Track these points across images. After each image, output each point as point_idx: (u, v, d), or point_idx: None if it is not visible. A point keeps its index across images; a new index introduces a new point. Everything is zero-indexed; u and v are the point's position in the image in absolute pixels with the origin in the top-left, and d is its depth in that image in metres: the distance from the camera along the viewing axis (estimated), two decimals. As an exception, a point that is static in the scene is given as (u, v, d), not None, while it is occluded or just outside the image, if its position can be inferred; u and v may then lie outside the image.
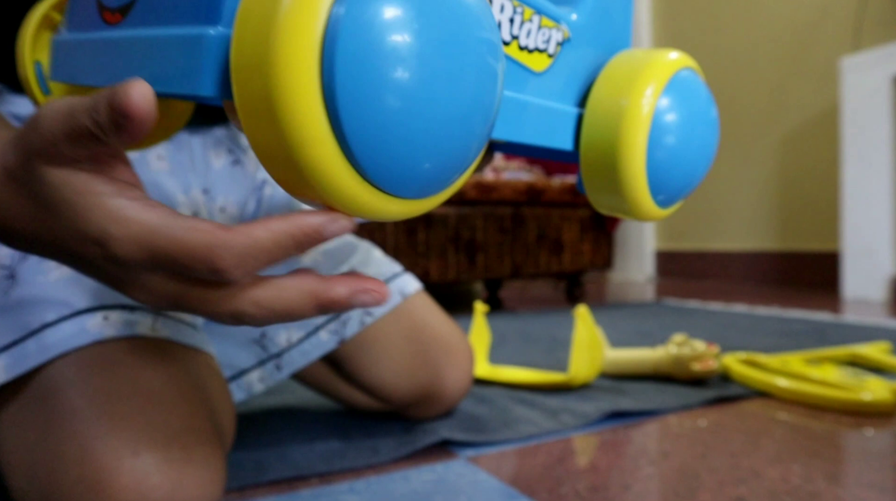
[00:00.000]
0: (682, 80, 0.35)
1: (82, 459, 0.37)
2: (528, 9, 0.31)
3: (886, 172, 1.79)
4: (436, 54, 0.21)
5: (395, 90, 0.20)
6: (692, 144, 0.35)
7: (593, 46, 0.36)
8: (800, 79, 2.27)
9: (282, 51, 0.20)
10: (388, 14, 0.20)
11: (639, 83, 0.33)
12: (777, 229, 2.37)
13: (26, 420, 0.39)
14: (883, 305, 1.70)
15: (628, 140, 0.33)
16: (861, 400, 0.70)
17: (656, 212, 0.36)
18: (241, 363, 0.59)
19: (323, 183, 0.21)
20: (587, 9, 0.35)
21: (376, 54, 0.20)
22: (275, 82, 0.20)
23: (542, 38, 0.32)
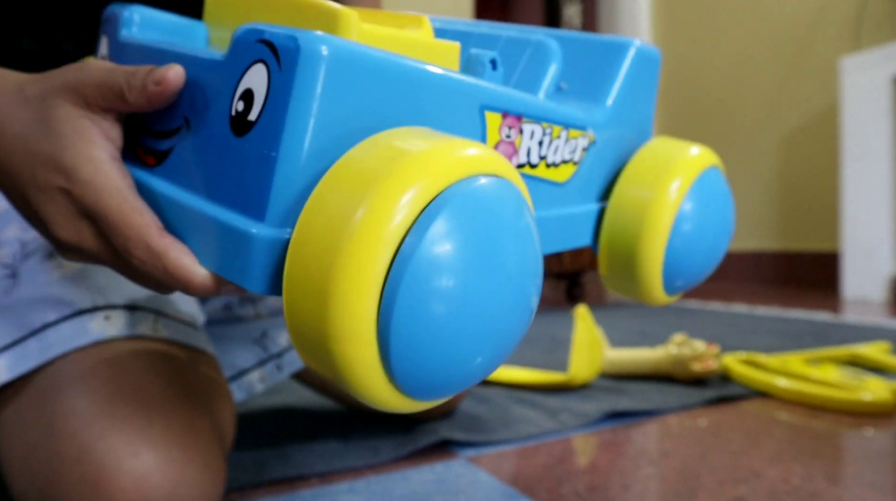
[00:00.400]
0: (706, 180, 0.35)
1: (82, 459, 0.37)
2: (557, 127, 0.31)
3: (886, 172, 1.79)
4: (492, 290, 0.21)
5: (451, 330, 0.21)
6: (706, 244, 0.36)
7: (618, 140, 0.36)
8: (800, 79, 2.27)
9: (344, 277, 0.19)
10: (459, 255, 0.20)
11: (663, 181, 0.34)
12: (777, 229, 2.37)
13: (27, 420, 0.39)
14: (883, 305, 1.70)
15: (651, 240, 0.34)
16: (861, 400, 0.70)
17: (663, 300, 0.37)
18: (242, 363, 0.60)
19: (361, 393, 0.22)
20: (612, 103, 0.35)
21: (440, 296, 0.20)
22: (331, 310, 0.20)
23: (568, 149, 0.33)
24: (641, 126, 0.38)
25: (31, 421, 0.39)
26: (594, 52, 0.36)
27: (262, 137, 0.22)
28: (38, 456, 0.38)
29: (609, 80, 0.35)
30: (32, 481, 0.38)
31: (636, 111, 0.37)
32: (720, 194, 0.36)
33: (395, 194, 0.20)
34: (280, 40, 0.22)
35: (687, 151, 0.35)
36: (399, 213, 0.20)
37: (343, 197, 0.20)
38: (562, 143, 0.32)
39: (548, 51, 0.35)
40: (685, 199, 0.34)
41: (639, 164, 0.35)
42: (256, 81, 0.23)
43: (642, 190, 0.34)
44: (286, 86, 0.22)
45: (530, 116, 0.30)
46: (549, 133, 0.31)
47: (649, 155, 0.36)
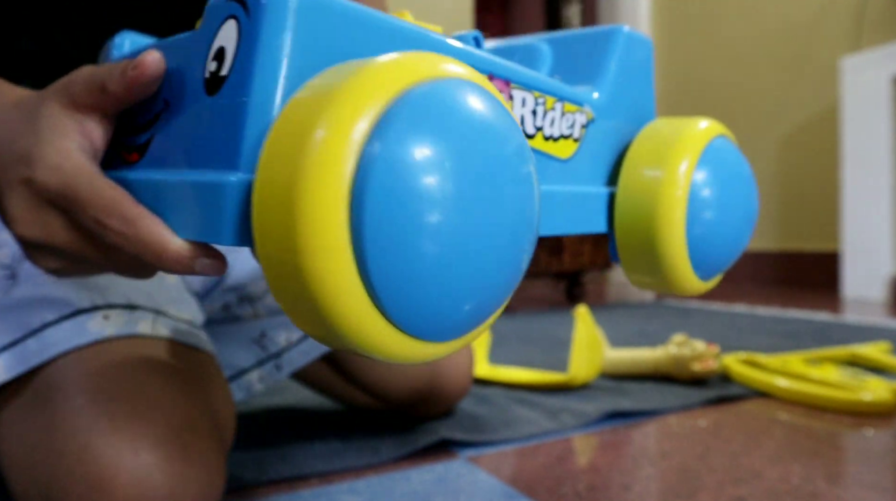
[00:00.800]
0: (716, 150, 0.34)
1: (83, 458, 0.37)
2: (550, 97, 0.30)
3: (886, 172, 1.79)
4: (473, 196, 0.20)
5: (430, 237, 0.19)
6: (732, 214, 0.34)
7: (618, 122, 0.35)
8: (800, 79, 2.27)
9: (307, 197, 0.18)
10: (425, 153, 0.19)
11: (672, 156, 0.32)
12: (777, 229, 2.37)
13: (27, 420, 0.39)
14: (883, 305, 1.70)
15: (666, 216, 0.32)
16: (861, 400, 0.70)
17: (699, 287, 0.35)
18: (241, 362, 0.59)
19: (353, 336, 0.20)
20: (608, 85, 0.34)
21: (411, 199, 0.19)
22: (298, 230, 0.18)
23: (566, 124, 0.32)
24: (642, 110, 0.37)
25: (32, 421, 0.39)
26: (584, 44, 0.36)
27: (233, 88, 0.22)
28: (38, 456, 0.38)
29: (600, 64, 0.35)
30: (33, 480, 0.38)
31: (633, 95, 0.36)
32: (733, 161, 0.35)
33: (351, 104, 0.19)
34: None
35: (690, 124, 0.34)
36: (356, 121, 0.19)
37: (300, 119, 0.19)
38: (558, 116, 0.31)
39: (537, 52, 0.35)
40: (697, 171, 0.32)
41: (643, 143, 0.34)
42: (227, 37, 0.22)
43: (650, 169, 0.32)
44: (254, 33, 0.21)
45: (519, 83, 0.29)
46: (543, 103, 0.30)
47: (652, 133, 0.34)
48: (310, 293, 0.19)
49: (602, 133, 0.34)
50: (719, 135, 0.35)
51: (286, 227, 0.19)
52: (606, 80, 0.34)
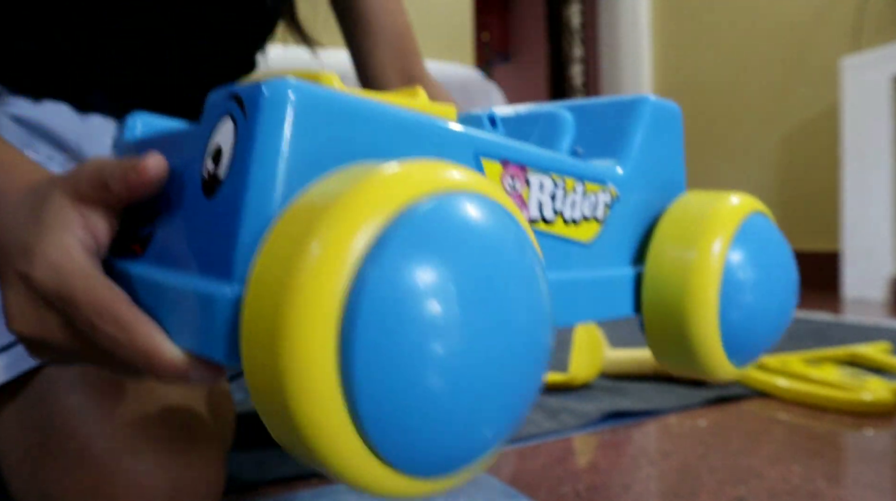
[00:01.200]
0: (752, 227, 0.32)
1: (82, 458, 0.37)
2: (570, 179, 0.29)
3: (886, 172, 1.79)
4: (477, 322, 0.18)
5: (427, 370, 0.18)
6: (770, 297, 0.32)
7: (645, 197, 0.33)
8: (800, 79, 2.27)
9: (294, 320, 0.17)
10: (424, 279, 0.18)
11: (704, 235, 0.30)
12: (777, 229, 2.37)
13: (26, 420, 0.39)
14: (883, 305, 1.70)
15: (697, 300, 0.30)
16: (861, 400, 0.70)
17: (733, 373, 0.33)
18: (242, 363, 0.60)
19: (339, 471, 0.19)
20: (633, 159, 0.32)
21: (407, 328, 0.17)
22: (282, 354, 0.17)
23: (588, 205, 0.30)
24: (670, 183, 0.35)
25: (31, 421, 0.39)
26: (608, 114, 0.34)
27: (229, 193, 0.21)
28: (37, 456, 0.38)
29: (625, 135, 0.33)
30: (32, 480, 0.38)
31: (661, 167, 0.34)
32: (770, 240, 0.33)
33: (347, 220, 0.17)
34: (245, 90, 0.21)
35: (723, 199, 0.32)
36: (352, 239, 0.17)
37: (292, 233, 0.18)
38: (579, 198, 0.29)
39: (560, 121, 0.34)
40: (731, 251, 0.30)
41: (672, 220, 0.32)
42: (224, 137, 0.21)
43: (680, 248, 0.31)
44: (251, 135, 0.20)
45: (536, 166, 0.27)
46: (562, 186, 0.28)
47: (682, 209, 0.32)
48: (294, 424, 0.18)
49: (627, 210, 0.32)
50: (755, 211, 0.33)
51: (270, 351, 0.17)
52: (631, 153, 0.32)
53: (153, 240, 0.25)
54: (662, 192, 0.34)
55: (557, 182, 0.28)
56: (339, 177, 0.19)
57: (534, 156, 0.27)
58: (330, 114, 0.21)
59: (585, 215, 0.30)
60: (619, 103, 0.34)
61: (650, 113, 0.33)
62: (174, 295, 0.22)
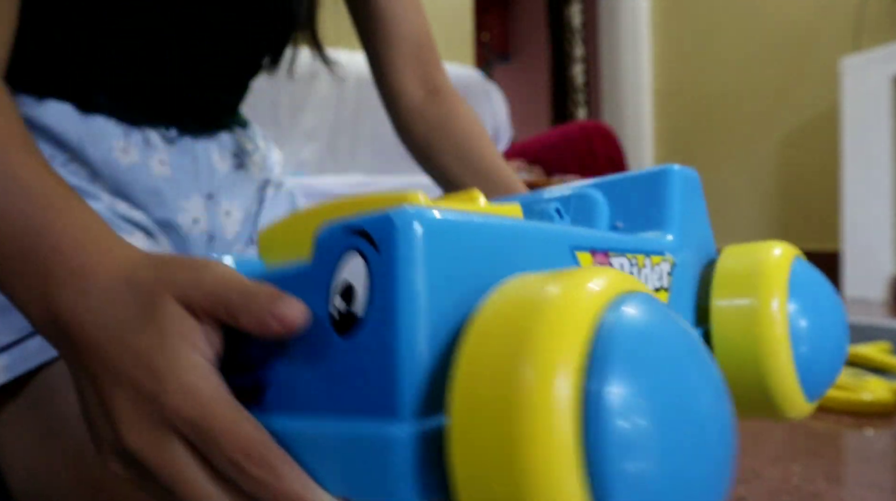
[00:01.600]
0: (799, 272, 0.34)
1: (82, 459, 0.37)
2: (640, 256, 0.30)
3: (886, 172, 1.79)
4: (682, 430, 0.19)
5: (674, 483, 0.18)
6: (829, 328, 0.34)
7: (691, 260, 0.35)
8: (800, 79, 2.27)
9: (533, 437, 0.17)
10: (644, 387, 0.18)
11: (765, 285, 0.32)
12: (777, 229, 2.37)
13: (26, 421, 0.39)
14: (883, 305, 1.70)
15: (772, 348, 0.32)
16: (861, 400, 0.70)
17: (809, 409, 0.35)
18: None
19: None
20: (676, 226, 0.34)
21: (650, 440, 0.18)
22: (526, 476, 0.17)
23: (657, 277, 0.31)
24: (706, 241, 0.37)
25: (31, 421, 0.39)
26: (637, 188, 0.36)
27: (374, 330, 0.21)
28: (37, 457, 0.38)
29: (663, 205, 0.35)
30: (33, 481, 0.38)
31: (697, 228, 0.36)
32: (815, 280, 0.35)
33: (553, 342, 0.18)
34: (371, 224, 0.21)
35: (770, 252, 0.34)
36: (565, 361, 0.18)
37: (496, 364, 0.18)
38: (649, 271, 0.31)
39: (592, 200, 0.35)
40: (790, 298, 0.33)
41: (728, 276, 0.34)
42: (355, 273, 0.21)
43: (744, 300, 0.32)
44: (390, 271, 0.20)
45: (615, 249, 0.29)
46: (636, 263, 0.30)
47: (734, 265, 0.34)
48: None
49: (683, 274, 0.34)
50: (797, 257, 0.35)
51: (508, 475, 0.17)
52: (674, 220, 0.34)
53: (268, 387, 0.24)
54: (702, 251, 0.36)
55: (632, 260, 0.30)
56: (516, 296, 0.20)
57: (613, 241, 0.29)
58: (453, 237, 0.22)
59: (657, 287, 0.31)
60: (645, 176, 0.36)
61: (679, 181, 0.35)
62: (315, 442, 0.22)
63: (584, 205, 0.35)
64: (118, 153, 0.50)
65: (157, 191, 0.51)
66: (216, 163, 0.55)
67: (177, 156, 0.53)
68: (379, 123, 1.59)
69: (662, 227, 0.34)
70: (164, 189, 0.52)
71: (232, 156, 0.57)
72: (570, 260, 0.26)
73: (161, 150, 0.52)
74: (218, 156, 0.56)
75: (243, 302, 0.23)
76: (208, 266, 0.25)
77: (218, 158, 0.55)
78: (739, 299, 0.33)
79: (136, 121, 0.50)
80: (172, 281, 0.24)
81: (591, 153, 1.90)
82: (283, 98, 1.67)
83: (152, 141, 0.51)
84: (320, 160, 1.68)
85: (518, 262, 0.24)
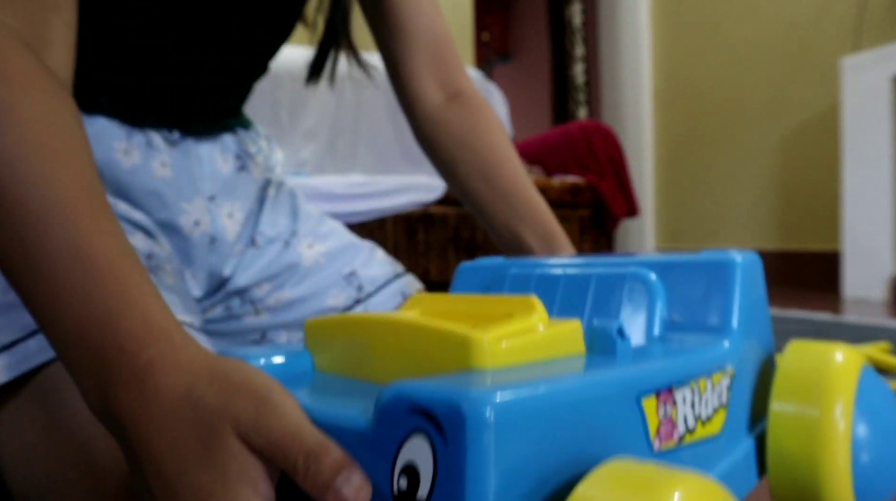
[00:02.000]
0: (866, 381, 0.33)
1: (82, 459, 0.37)
2: (702, 380, 0.29)
3: (886, 172, 1.79)
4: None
5: None
6: (891, 446, 0.33)
7: (750, 361, 0.34)
8: (800, 79, 2.27)
9: None
10: None
11: (829, 393, 0.31)
12: (777, 229, 2.37)
13: (26, 420, 0.39)
14: (883, 305, 1.70)
15: (832, 463, 0.30)
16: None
17: None
18: (242, 364, 0.59)
19: None
20: (735, 330, 0.33)
21: None
22: None
23: (716, 396, 0.30)
24: (765, 336, 0.36)
25: (31, 421, 0.39)
26: (697, 277, 0.34)
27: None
28: (37, 455, 0.38)
29: (725, 304, 0.33)
30: (32, 480, 0.38)
31: (756, 322, 0.35)
32: (881, 391, 0.34)
33: None
34: (438, 408, 0.20)
35: (833, 356, 0.33)
36: None
37: None
38: (709, 393, 0.30)
39: (647, 284, 0.34)
40: (855, 409, 0.31)
41: (787, 382, 0.33)
42: (419, 455, 0.21)
43: (804, 409, 0.31)
44: (456, 456, 0.20)
45: (678, 383, 0.28)
46: (697, 390, 0.29)
47: (795, 368, 0.33)
48: None
49: (741, 381, 0.33)
50: (865, 364, 0.34)
51: None
52: (733, 323, 0.33)
53: None
54: (760, 347, 0.35)
55: (694, 389, 0.29)
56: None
57: (677, 373, 0.28)
58: (524, 418, 0.21)
59: (715, 407, 0.30)
60: (706, 265, 0.34)
61: (742, 276, 0.34)
62: None
63: (638, 289, 0.34)
64: (119, 154, 0.50)
65: (158, 193, 0.51)
66: (219, 165, 0.55)
67: (179, 158, 0.53)
68: (379, 123, 1.60)
69: (722, 328, 0.33)
70: (165, 191, 0.52)
71: (234, 158, 0.57)
72: (635, 411, 0.25)
73: (163, 152, 0.52)
74: (220, 158, 0.56)
75: (306, 466, 0.22)
76: (270, 404, 0.24)
77: (220, 160, 0.55)
78: (801, 405, 0.31)
79: (139, 122, 0.51)
80: (235, 417, 0.24)
81: (591, 153, 1.90)
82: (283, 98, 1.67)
83: (154, 143, 0.51)
84: (320, 160, 1.68)
85: (585, 423, 0.23)
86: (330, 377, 0.30)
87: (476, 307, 0.28)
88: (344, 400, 0.26)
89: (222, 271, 0.56)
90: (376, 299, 0.60)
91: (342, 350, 0.30)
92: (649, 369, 0.27)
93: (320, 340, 0.31)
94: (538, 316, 0.27)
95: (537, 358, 0.25)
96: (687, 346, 0.31)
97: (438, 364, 0.25)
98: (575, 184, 1.85)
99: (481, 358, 0.24)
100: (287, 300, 0.58)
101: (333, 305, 0.59)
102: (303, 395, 0.27)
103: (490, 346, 0.24)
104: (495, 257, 0.41)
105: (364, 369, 0.28)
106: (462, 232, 1.67)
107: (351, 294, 0.59)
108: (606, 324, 0.28)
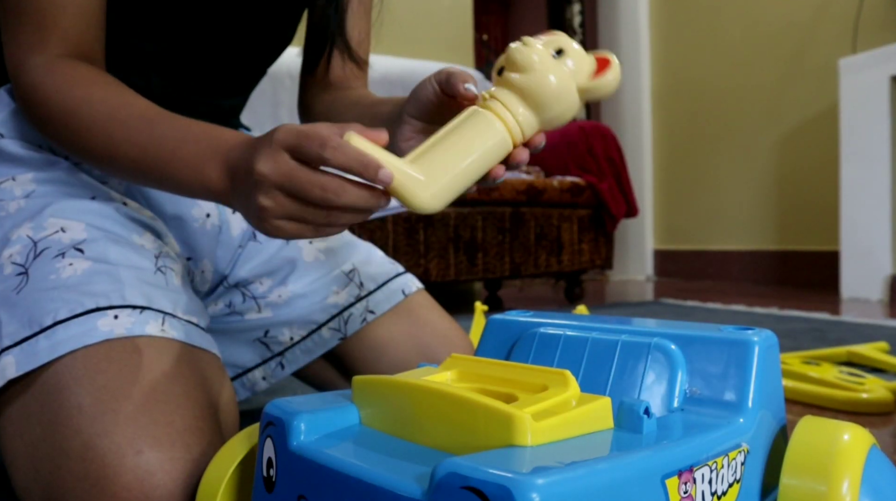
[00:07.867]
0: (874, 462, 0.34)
1: (85, 455, 0.37)
2: (720, 458, 0.31)
3: (885, 172, 1.79)
4: None
5: None
6: None
7: (763, 435, 0.35)
8: (799, 79, 2.27)
9: None
10: None
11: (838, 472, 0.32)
12: (776, 229, 2.38)
13: (32, 416, 0.39)
14: (881, 305, 1.71)
15: None
16: (860, 400, 0.70)
17: None
18: (246, 362, 0.60)
19: None
20: (751, 408, 0.34)
21: None
22: None
23: (731, 472, 0.32)
24: (778, 410, 0.37)
25: (36, 417, 0.39)
26: (716, 352, 0.36)
27: None
28: (41, 452, 0.38)
29: (742, 382, 0.35)
30: (36, 476, 0.38)
31: (770, 398, 0.36)
32: (889, 470, 0.35)
33: None
34: (488, 488, 0.23)
35: (842, 435, 0.34)
36: None
37: None
38: (725, 470, 0.31)
39: (669, 356, 0.36)
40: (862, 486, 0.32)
41: (798, 457, 0.34)
42: None
43: (813, 485, 0.32)
44: None
45: (698, 462, 0.30)
46: (715, 468, 0.31)
47: (805, 445, 0.34)
48: None
49: (755, 457, 0.34)
50: (873, 446, 0.35)
51: None
52: (748, 400, 0.34)
53: None
54: (774, 420, 0.37)
55: (712, 467, 0.30)
56: None
57: (697, 453, 0.30)
58: (567, 496, 0.23)
59: (730, 482, 0.32)
60: (726, 342, 0.36)
61: (759, 356, 0.35)
62: None
63: (660, 359, 0.36)
64: None
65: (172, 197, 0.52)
66: None
67: None
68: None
69: (738, 405, 0.34)
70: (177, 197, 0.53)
71: None
72: (659, 491, 0.27)
73: None
74: None
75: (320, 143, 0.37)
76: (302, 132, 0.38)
77: None
78: (810, 481, 0.33)
79: None
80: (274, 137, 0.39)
81: (590, 153, 1.90)
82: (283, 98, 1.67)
83: None
84: (320, 160, 1.68)
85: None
86: (377, 434, 0.32)
87: (512, 374, 0.31)
88: (395, 463, 0.28)
89: (225, 264, 0.57)
90: (377, 296, 0.61)
91: (389, 409, 0.32)
92: (673, 451, 0.29)
93: (368, 397, 0.34)
94: (572, 392, 0.29)
95: (572, 434, 0.28)
96: (705, 423, 0.33)
97: (482, 437, 0.27)
98: (574, 185, 1.85)
99: (523, 436, 0.26)
100: (289, 296, 0.58)
101: (335, 302, 0.59)
102: (354, 450, 0.30)
103: (531, 426, 0.27)
104: (523, 312, 0.43)
105: (411, 431, 0.30)
106: (462, 232, 1.67)
107: (352, 291, 0.60)
108: (635, 403, 0.30)
